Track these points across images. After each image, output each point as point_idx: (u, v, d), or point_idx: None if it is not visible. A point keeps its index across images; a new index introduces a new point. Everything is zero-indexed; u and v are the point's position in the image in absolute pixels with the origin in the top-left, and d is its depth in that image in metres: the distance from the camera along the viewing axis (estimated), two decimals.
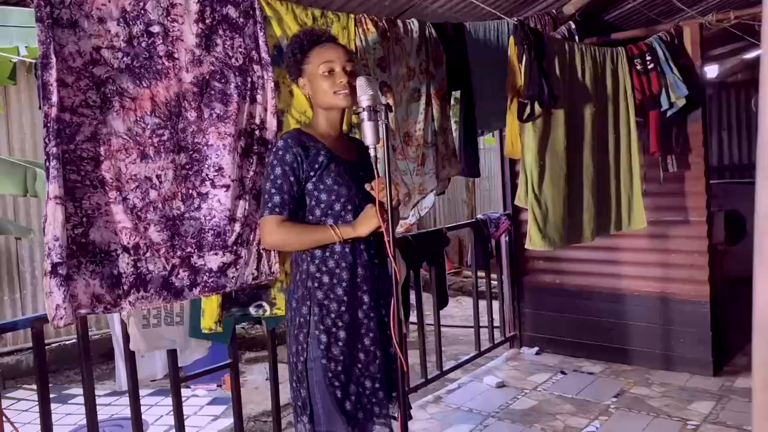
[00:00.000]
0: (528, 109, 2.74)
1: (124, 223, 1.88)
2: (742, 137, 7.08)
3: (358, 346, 1.94)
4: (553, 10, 3.61)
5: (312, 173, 1.88)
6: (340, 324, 1.91)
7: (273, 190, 1.87)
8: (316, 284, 1.91)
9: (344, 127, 2.09)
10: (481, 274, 4.18)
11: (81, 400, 2.33)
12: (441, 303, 3.73)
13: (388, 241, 1.81)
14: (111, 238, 1.86)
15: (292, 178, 1.87)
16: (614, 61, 3.31)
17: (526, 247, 2.94)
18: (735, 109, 7.09)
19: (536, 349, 4.35)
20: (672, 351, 3.88)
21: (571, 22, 3.52)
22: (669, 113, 3.48)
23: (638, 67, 3.33)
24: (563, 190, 2.99)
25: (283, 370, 2.79)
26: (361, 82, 1.85)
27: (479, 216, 4.24)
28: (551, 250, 3.04)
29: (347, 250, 1.91)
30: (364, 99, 1.84)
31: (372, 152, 1.86)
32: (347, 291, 1.91)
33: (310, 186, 1.90)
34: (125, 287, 1.89)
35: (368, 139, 1.84)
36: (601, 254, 4.05)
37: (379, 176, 1.85)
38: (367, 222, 1.85)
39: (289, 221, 1.88)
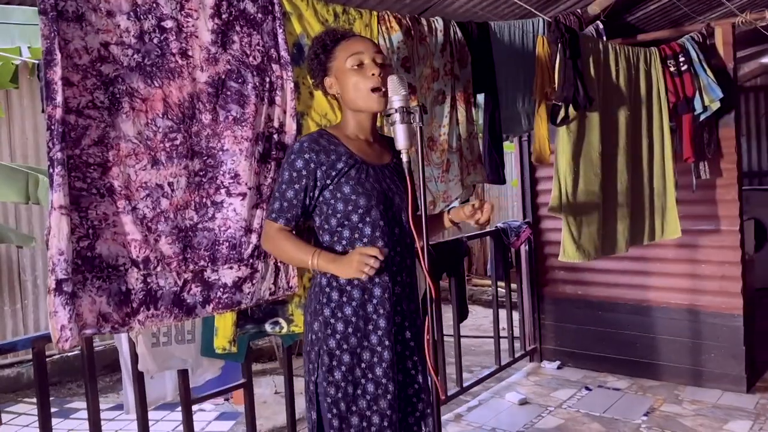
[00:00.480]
0: (562, 112, 2.58)
1: (133, 235, 1.73)
2: (762, 143, 6.91)
3: (369, 376, 1.75)
4: (578, 10, 3.46)
5: (328, 181, 1.74)
6: (345, 347, 1.74)
7: (277, 194, 1.78)
8: (325, 300, 1.77)
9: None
10: (499, 283, 4.01)
11: (83, 414, 2.21)
12: (461, 316, 3.56)
13: (423, 256, 1.65)
14: (119, 252, 1.71)
15: (297, 186, 1.74)
16: (647, 61, 3.14)
17: (559, 259, 2.77)
18: (754, 114, 6.91)
19: (557, 363, 4.18)
20: (702, 366, 3.70)
21: (598, 22, 3.36)
22: (702, 117, 3.31)
23: (671, 69, 3.17)
24: (598, 198, 2.82)
25: (297, 383, 2.64)
26: (393, 81, 1.71)
27: (499, 224, 4.07)
28: (584, 262, 2.86)
29: None
30: (396, 99, 1.70)
31: (405, 157, 1.71)
32: (356, 312, 1.75)
33: (327, 194, 1.75)
34: (134, 305, 1.74)
35: (400, 142, 1.70)
36: (625, 264, 3.88)
37: (483, 200, 1.76)
38: (346, 268, 1.67)
39: (286, 231, 1.77)
